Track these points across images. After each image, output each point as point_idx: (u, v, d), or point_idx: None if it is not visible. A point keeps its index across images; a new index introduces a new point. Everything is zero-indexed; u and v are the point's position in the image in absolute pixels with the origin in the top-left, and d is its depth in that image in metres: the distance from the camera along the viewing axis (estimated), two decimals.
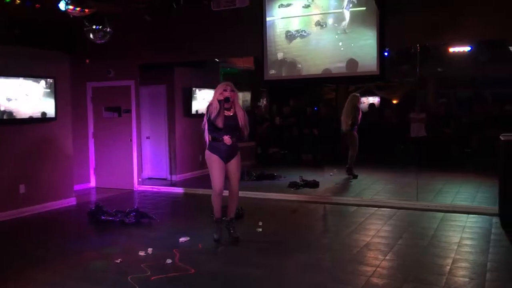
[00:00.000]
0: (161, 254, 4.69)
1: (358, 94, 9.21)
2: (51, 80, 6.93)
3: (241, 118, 4.94)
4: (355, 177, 8.70)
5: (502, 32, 6.25)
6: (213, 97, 4.97)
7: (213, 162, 4.95)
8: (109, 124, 8.91)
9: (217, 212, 5.08)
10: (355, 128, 8.77)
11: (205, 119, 5.02)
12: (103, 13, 6.59)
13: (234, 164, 5.00)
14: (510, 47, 7.26)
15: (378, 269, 4.26)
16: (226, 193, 5.06)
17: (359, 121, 8.79)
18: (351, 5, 6.71)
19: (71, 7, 5.84)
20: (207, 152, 5.03)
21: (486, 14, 6.10)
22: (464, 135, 10.17)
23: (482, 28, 6.21)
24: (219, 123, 4.84)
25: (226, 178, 5.05)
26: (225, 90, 4.89)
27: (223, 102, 4.84)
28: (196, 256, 4.69)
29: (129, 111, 8.72)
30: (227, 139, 4.90)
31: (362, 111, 9.02)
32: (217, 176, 4.93)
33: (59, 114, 7.10)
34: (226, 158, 4.96)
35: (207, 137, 5.04)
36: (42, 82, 6.82)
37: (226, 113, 4.91)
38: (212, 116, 4.84)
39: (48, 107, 6.93)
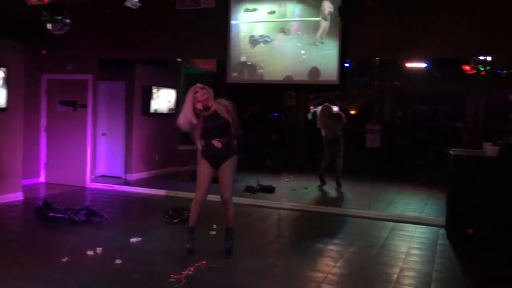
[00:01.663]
0: (110, 254, 4.58)
1: (328, 104, 9.18)
2: (3, 69, 6.64)
3: (225, 113, 4.58)
4: (340, 185, 8.76)
5: (456, 51, 6.52)
6: (185, 107, 4.58)
7: (200, 167, 4.68)
8: (63, 118, 8.62)
9: (191, 219, 4.75)
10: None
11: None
12: (63, 3, 6.39)
13: (224, 170, 4.63)
14: (463, 66, 7.58)
15: (329, 275, 4.32)
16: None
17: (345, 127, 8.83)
18: (330, 16, 6.74)
19: None
20: (198, 155, 4.75)
21: (442, 33, 6.33)
22: (417, 148, 10.52)
23: (438, 46, 6.45)
24: (196, 134, 4.63)
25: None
26: (196, 92, 4.55)
27: (203, 111, 4.55)
28: (146, 257, 4.59)
29: (85, 106, 8.48)
30: (216, 143, 4.56)
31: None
32: (200, 182, 4.66)
33: (10, 105, 6.81)
34: (217, 163, 4.64)
35: (199, 144, 4.72)
36: None
37: (205, 113, 4.59)
38: (183, 128, 4.62)
39: None
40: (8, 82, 6.70)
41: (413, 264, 4.78)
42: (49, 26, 6.37)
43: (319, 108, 11.05)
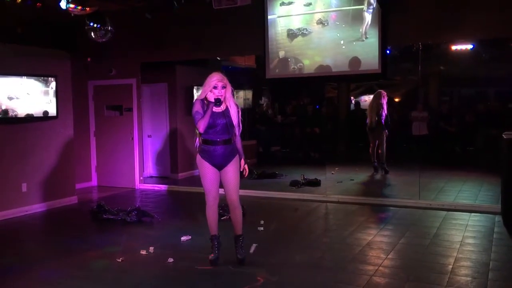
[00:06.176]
0: (162, 253, 4.69)
1: (382, 90, 9.01)
2: (52, 79, 6.93)
3: (234, 115, 4.22)
4: (387, 172, 8.82)
5: (504, 31, 6.22)
6: (201, 93, 4.21)
7: (204, 170, 4.27)
8: (111, 122, 8.90)
9: (210, 227, 4.42)
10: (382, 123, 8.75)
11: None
12: (104, 11, 6.58)
13: (230, 172, 4.26)
14: None
15: (380, 268, 4.25)
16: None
17: (383, 117, 8.71)
18: (372, 8, 6.61)
19: (72, 5, 5.85)
20: (198, 157, 4.33)
21: (488, 12, 6.06)
22: (467, 134, 10.14)
23: (484, 26, 6.18)
24: (201, 126, 4.12)
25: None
26: (215, 88, 4.12)
27: (213, 104, 4.13)
28: (196, 255, 4.68)
29: (130, 109, 8.72)
30: (245, 172, 4.46)
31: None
32: (209, 187, 4.29)
33: (60, 112, 7.10)
34: (220, 164, 4.26)
35: (197, 141, 4.37)
36: (44, 80, 6.82)
37: (215, 109, 4.17)
38: (195, 118, 4.14)
39: (50, 105, 6.93)
40: (57, 91, 6.99)
41: (468, 253, 4.62)
42: (92, 34, 6.60)
43: (361, 98, 10.90)
